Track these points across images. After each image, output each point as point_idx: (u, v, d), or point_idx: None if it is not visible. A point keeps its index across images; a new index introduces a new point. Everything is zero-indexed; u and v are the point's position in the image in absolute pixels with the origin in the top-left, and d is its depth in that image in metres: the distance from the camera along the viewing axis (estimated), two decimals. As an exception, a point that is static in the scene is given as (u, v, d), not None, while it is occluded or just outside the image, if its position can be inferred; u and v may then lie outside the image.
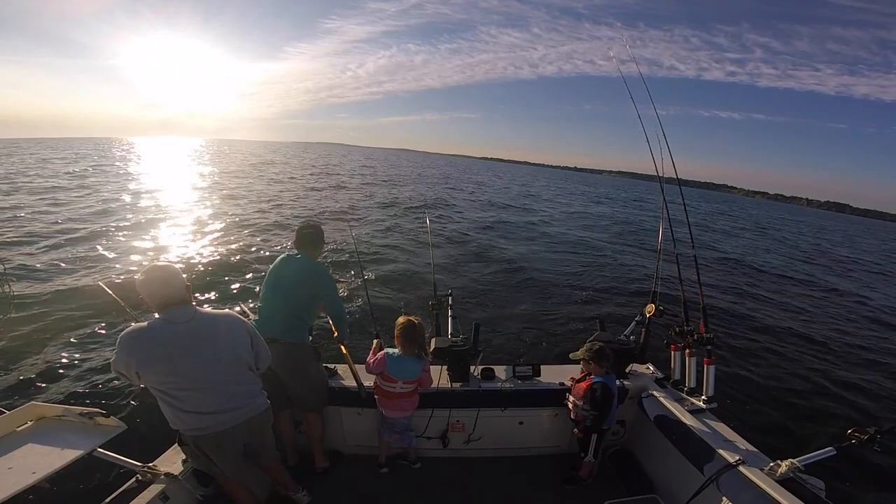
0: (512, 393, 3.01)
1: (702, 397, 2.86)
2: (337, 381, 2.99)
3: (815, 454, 2.16)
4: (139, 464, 2.16)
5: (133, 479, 2.15)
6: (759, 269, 14.45)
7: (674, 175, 3.37)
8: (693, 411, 2.77)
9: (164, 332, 1.90)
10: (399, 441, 2.95)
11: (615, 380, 2.84)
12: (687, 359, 2.95)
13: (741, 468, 2.20)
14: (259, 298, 2.84)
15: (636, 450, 3.14)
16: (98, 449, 1.95)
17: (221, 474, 2.22)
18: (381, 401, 2.83)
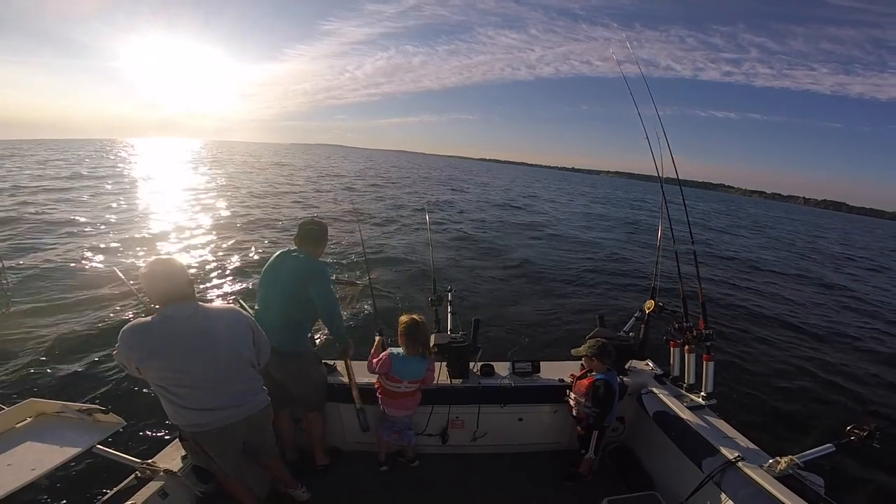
0: (511, 389, 3.01)
1: (701, 394, 2.86)
2: (336, 377, 2.97)
3: (815, 451, 2.16)
4: (138, 460, 2.16)
5: (132, 476, 2.15)
6: (757, 266, 14.49)
7: (674, 174, 3.36)
8: (692, 408, 2.77)
9: (165, 328, 1.88)
10: (398, 440, 2.94)
11: (616, 376, 2.85)
12: (686, 355, 2.95)
13: (740, 465, 2.20)
14: (256, 300, 2.71)
15: (636, 446, 3.14)
16: (97, 445, 1.95)
17: (221, 471, 2.21)
18: (385, 400, 2.79)
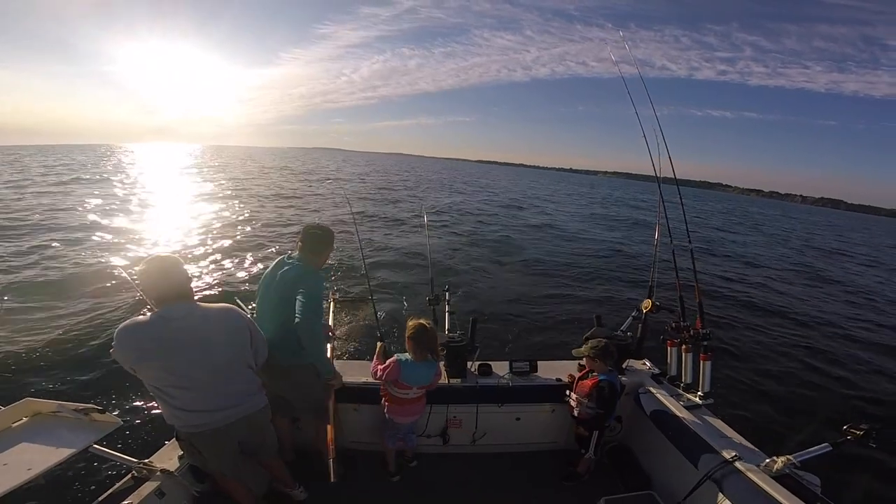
0: (509, 389, 3.01)
1: (698, 393, 2.86)
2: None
3: (811, 450, 2.16)
4: (135, 460, 2.15)
5: (129, 476, 2.14)
6: (754, 264, 14.52)
7: (671, 173, 3.36)
8: (689, 407, 2.77)
9: (159, 329, 1.87)
10: (402, 445, 2.90)
11: (618, 377, 2.85)
12: (683, 354, 2.96)
13: (737, 464, 2.21)
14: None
15: (633, 446, 3.15)
16: (94, 445, 1.93)
17: (218, 471, 2.21)
18: (392, 407, 2.70)
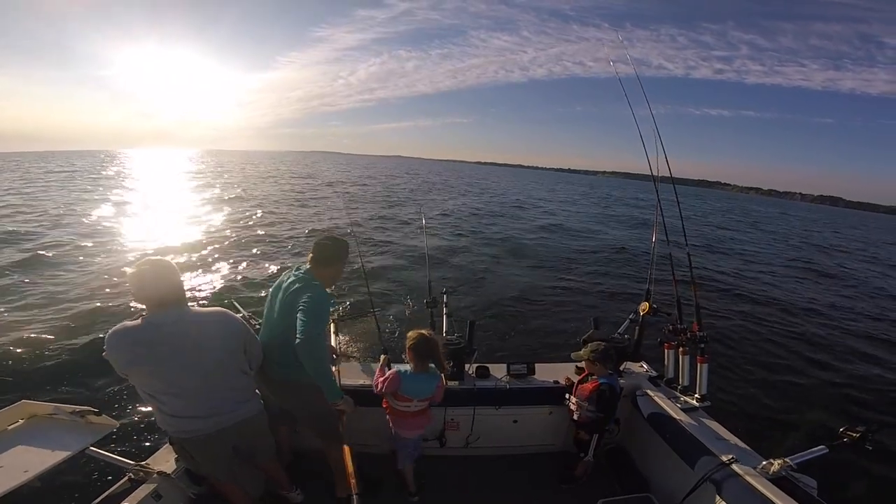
0: (507, 391, 3.01)
1: (695, 395, 2.87)
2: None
3: (807, 452, 2.17)
4: (131, 462, 2.14)
5: (125, 478, 2.13)
6: (754, 264, 14.48)
7: (668, 174, 3.37)
8: (686, 409, 2.78)
9: (148, 334, 1.84)
10: (412, 457, 2.76)
11: (618, 380, 2.85)
12: (680, 357, 2.97)
13: (734, 466, 2.21)
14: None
15: (630, 448, 3.15)
16: (90, 447, 1.93)
17: (212, 475, 2.20)
18: (396, 421, 2.60)
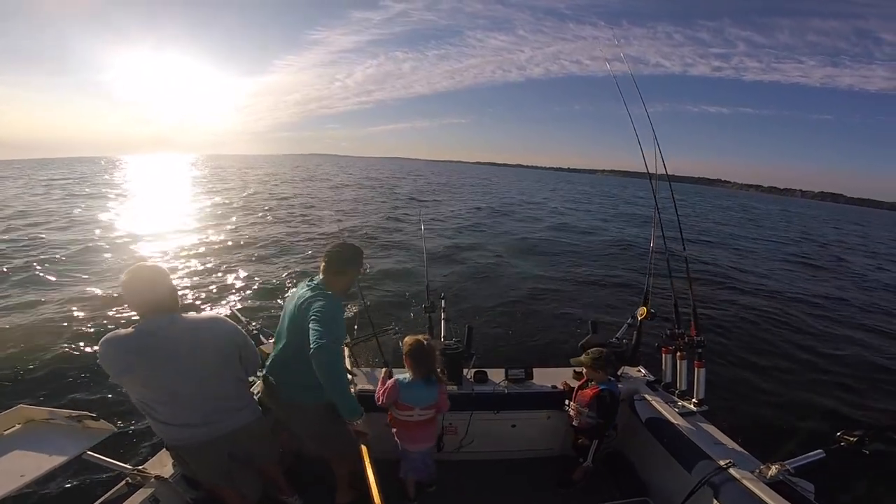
0: (505, 396, 3.01)
1: (693, 400, 2.87)
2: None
3: (805, 457, 2.18)
4: (129, 467, 2.14)
5: (123, 483, 2.12)
6: (753, 265, 14.31)
7: (667, 176, 3.38)
8: (684, 414, 2.78)
9: (140, 342, 1.83)
10: (421, 474, 2.73)
11: (617, 385, 2.86)
12: (678, 361, 2.98)
13: (732, 471, 2.21)
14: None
15: (628, 452, 3.15)
16: (87, 452, 1.93)
17: (208, 481, 2.20)
18: (401, 434, 2.56)
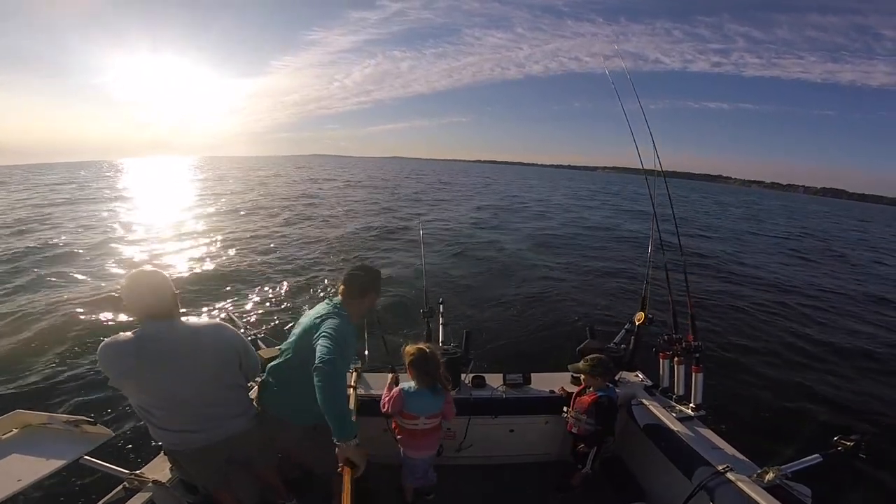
0: (503, 401, 3.02)
1: (690, 405, 2.88)
2: None
3: (802, 461, 2.19)
4: (126, 471, 2.13)
5: (120, 487, 2.12)
6: (751, 267, 14.14)
7: (661, 172, 3.39)
8: (682, 419, 2.79)
9: (139, 347, 1.84)
10: (421, 481, 2.73)
11: (616, 391, 2.86)
12: (676, 367, 2.98)
13: (729, 475, 2.22)
14: None
15: (626, 457, 3.15)
16: (84, 456, 1.93)
17: (205, 485, 2.20)
18: (405, 441, 2.57)
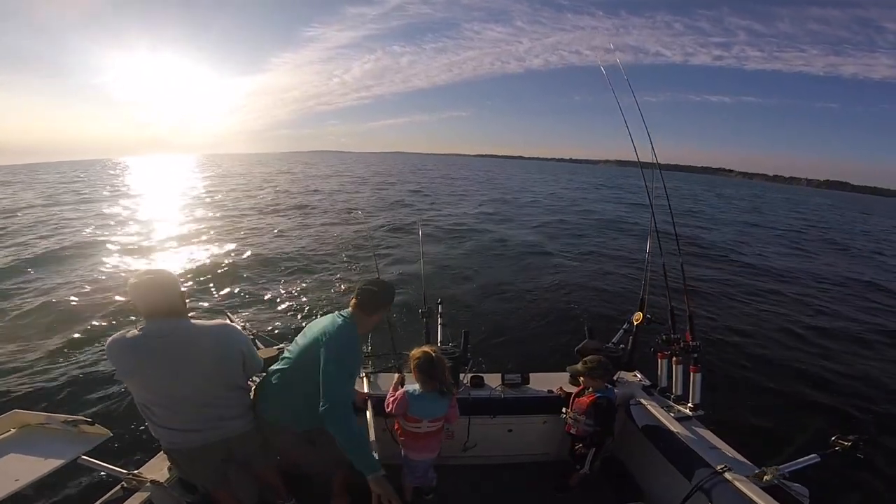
0: (501, 400, 3.02)
1: (688, 405, 2.89)
2: None
3: (800, 461, 2.19)
4: (124, 471, 2.14)
5: (118, 487, 2.12)
6: (750, 268, 14.10)
7: (658, 165, 3.39)
8: (680, 419, 2.80)
9: (140, 345, 1.87)
10: (421, 481, 2.73)
11: (614, 392, 2.86)
12: (674, 366, 2.99)
13: (727, 475, 2.22)
14: None
15: (624, 457, 3.15)
16: (83, 456, 1.93)
17: (204, 485, 2.20)
18: (406, 443, 2.58)
